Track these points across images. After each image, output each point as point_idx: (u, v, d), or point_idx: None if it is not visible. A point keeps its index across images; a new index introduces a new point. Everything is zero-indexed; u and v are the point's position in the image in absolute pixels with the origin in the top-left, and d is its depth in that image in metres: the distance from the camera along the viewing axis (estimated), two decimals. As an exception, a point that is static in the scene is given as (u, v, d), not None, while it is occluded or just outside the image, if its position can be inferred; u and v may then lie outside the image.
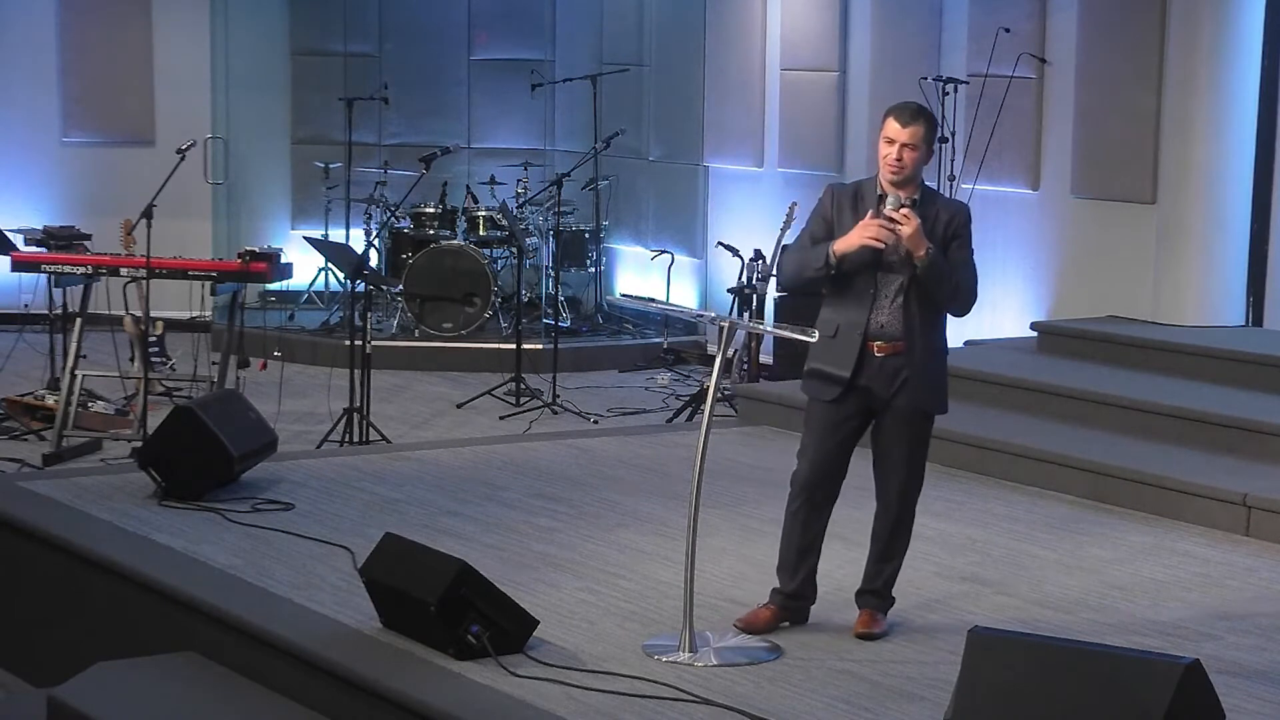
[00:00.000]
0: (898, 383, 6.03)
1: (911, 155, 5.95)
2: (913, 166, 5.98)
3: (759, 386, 10.59)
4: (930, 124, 6.00)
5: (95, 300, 10.24)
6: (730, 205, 13.38)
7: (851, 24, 12.41)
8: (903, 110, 6.01)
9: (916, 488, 6.22)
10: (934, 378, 6.11)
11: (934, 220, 6.00)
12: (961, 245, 6.04)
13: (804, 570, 6.22)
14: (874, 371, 6.04)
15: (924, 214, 5.97)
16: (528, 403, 11.16)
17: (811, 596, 6.29)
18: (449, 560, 5.91)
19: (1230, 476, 7.94)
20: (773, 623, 6.19)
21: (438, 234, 13.11)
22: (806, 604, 6.28)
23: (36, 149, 14.32)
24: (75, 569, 7.07)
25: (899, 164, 5.95)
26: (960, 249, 6.03)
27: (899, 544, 6.23)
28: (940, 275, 5.95)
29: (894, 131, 5.96)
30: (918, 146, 5.95)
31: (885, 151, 5.98)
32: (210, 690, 6.04)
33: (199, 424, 7.76)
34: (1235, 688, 5.63)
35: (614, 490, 8.28)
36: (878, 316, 6.02)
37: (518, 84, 14.24)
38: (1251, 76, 10.18)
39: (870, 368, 6.04)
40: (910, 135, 5.94)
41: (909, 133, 5.94)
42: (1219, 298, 10.28)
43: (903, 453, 6.13)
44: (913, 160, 5.96)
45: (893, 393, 6.05)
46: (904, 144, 5.94)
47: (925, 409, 6.11)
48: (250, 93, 14.57)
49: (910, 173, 5.98)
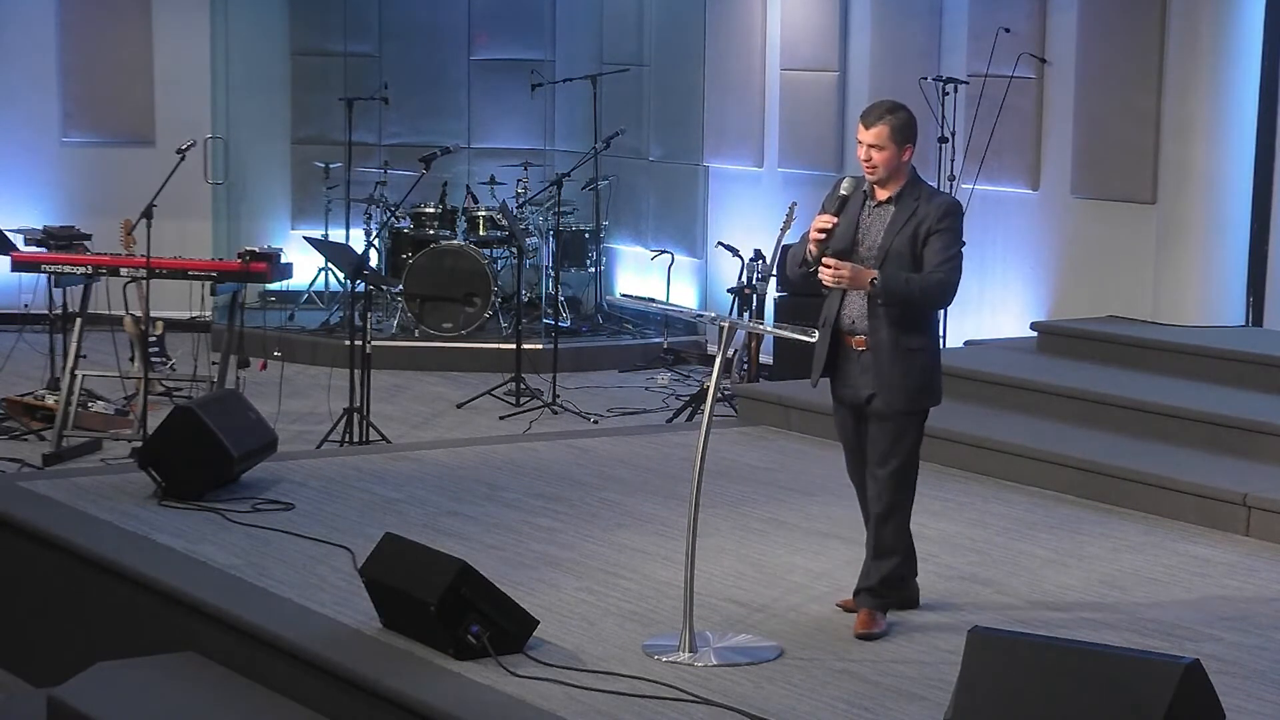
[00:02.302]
0: (868, 377, 6.11)
1: (881, 155, 6.04)
2: (885, 166, 6.06)
3: (759, 386, 10.59)
4: (898, 120, 6.05)
5: (95, 300, 10.25)
6: (730, 205, 13.38)
7: (851, 24, 12.41)
8: (869, 112, 6.12)
9: (901, 484, 6.20)
10: (905, 373, 6.10)
11: (910, 216, 6.06)
12: (939, 241, 6.03)
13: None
14: (849, 365, 6.16)
15: (898, 216, 6.06)
16: (528, 403, 11.16)
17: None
18: (449, 560, 5.91)
19: (1230, 476, 7.93)
20: None
21: (438, 234, 13.12)
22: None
23: (36, 149, 14.33)
24: (75, 569, 7.07)
25: (870, 165, 6.07)
26: (937, 246, 6.03)
27: (887, 540, 6.22)
28: (895, 296, 6.03)
29: (861, 133, 6.10)
30: (884, 146, 6.03)
31: (859, 155, 6.13)
32: (210, 690, 6.04)
33: (199, 424, 7.76)
34: (1235, 688, 5.63)
35: (614, 490, 8.28)
36: (849, 311, 6.14)
37: (518, 84, 14.25)
38: (1251, 76, 10.18)
39: (846, 361, 6.17)
40: (875, 136, 6.04)
41: (873, 134, 6.05)
42: (1219, 298, 10.27)
43: (881, 448, 6.17)
44: (883, 159, 6.05)
45: (865, 387, 6.13)
46: (870, 144, 6.06)
47: (894, 405, 6.12)
48: (250, 93, 14.58)
49: (884, 172, 6.07)
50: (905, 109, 6.12)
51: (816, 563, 7.06)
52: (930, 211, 6.06)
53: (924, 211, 6.07)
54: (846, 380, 6.20)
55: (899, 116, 6.06)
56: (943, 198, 6.20)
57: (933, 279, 6.03)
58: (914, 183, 6.14)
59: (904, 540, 6.28)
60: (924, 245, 6.04)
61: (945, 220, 6.05)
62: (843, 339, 6.16)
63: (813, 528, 7.61)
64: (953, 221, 6.07)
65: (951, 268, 6.05)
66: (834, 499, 8.04)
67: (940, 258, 6.03)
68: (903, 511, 6.24)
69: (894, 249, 6.04)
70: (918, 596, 6.47)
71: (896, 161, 6.06)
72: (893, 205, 6.10)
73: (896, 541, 6.25)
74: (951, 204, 6.14)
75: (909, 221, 6.05)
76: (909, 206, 6.07)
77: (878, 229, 6.10)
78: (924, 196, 6.12)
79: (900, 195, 6.09)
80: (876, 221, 6.12)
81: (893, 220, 6.07)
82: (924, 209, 6.08)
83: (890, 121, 6.03)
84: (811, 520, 7.74)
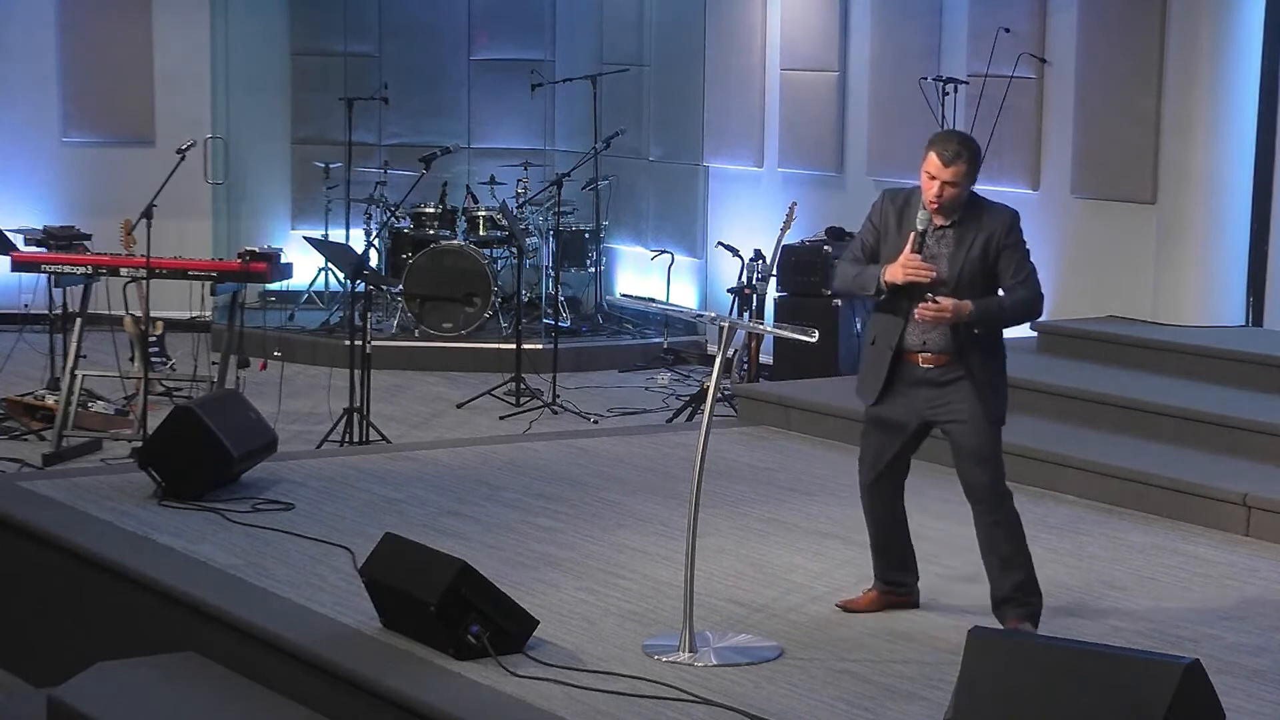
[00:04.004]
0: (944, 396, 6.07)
1: (952, 192, 5.95)
2: (954, 203, 5.99)
3: (759, 386, 10.59)
4: (972, 160, 5.96)
5: (95, 300, 10.24)
6: (730, 205, 13.38)
7: (851, 24, 12.41)
8: (945, 147, 5.96)
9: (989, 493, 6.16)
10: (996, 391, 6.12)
11: (972, 241, 6.01)
12: (1013, 256, 6.03)
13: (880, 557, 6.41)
14: (913, 384, 6.11)
15: (962, 238, 6.01)
16: (528, 403, 11.16)
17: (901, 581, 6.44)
18: (449, 560, 5.91)
19: (1230, 476, 7.94)
20: (876, 605, 6.42)
21: (438, 234, 13.12)
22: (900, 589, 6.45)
23: (36, 149, 14.33)
24: (75, 569, 7.07)
25: (939, 200, 5.97)
26: (1013, 261, 6.03)
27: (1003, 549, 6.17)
28: (991, 320, 6.05)
29: (935, 169, 5.95)
30: (958, 184, 5.95)
31: (926, 185, 5.98)
32: (210, 690, 6.04)
33: (199, 424, 7.76)
34: (1235, 688, 5.63)
35: (614, 490, 8.28)
36: (916, 331, 6.06)
37: (518, 84, 14.24)
38: (1251, 77, 10.18)
39: (909, 379, 6.11)
40: (953, 175, 5.93)
41: (950, 172, 5.93)
42: (1219, 298, 10.28)
43: (965, 460, 6.16)
44: (953, 196, 5.96)
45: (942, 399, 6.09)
46: (945, 182, 5.95)
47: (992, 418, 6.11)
48: (250, 93, 14.58)
49: (951, 208, 6.00)
50: (976, 143, 6.06)
51: (816, 563, 7.06)
52: (996, 226, 6.02)
53: (989, 224, 6.03)
54: (905, 398, 6.14)
55: (974, 152, 5.98)
56: (1001, 209, 6.11)
57: (1019, 298, 6.07)
58: (973, 202, 6.07)
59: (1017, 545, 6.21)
60: (996, 259, 6.02)
61: (1013, 234, 6.03)
62: (907, 357, 6.10)
63: (813, 528, 7.61)
64: (1019, 234, 6.07)
65: (1033, 282, 6.08)
66: (834, 499, 8.04)
67: (1021, 275, 6.04)
68: (1004, 515, 6.18)
69: (966, 274, 6.00)
70: (918, 598, 6.49)
71: (964, 197, 6.01)
72: (954, 229, 6.03)
73: (1014, 551, 6.18)
74: (1015, 215, 6.10)
75: (975, 240, 6.01)
76: (971, 228, 6.02)
77: (944, 255, 6.03)
78: (983, 211, 6.07)
79: (961, 218, 6.03)
80: (942, 248, 6.04)
81: (958, 244, 6.02)
82: (988, 222, 6.03)
83: (967, 160, 5.93)
84: (811, 520, 7.74)
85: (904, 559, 6.46)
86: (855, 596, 6.48)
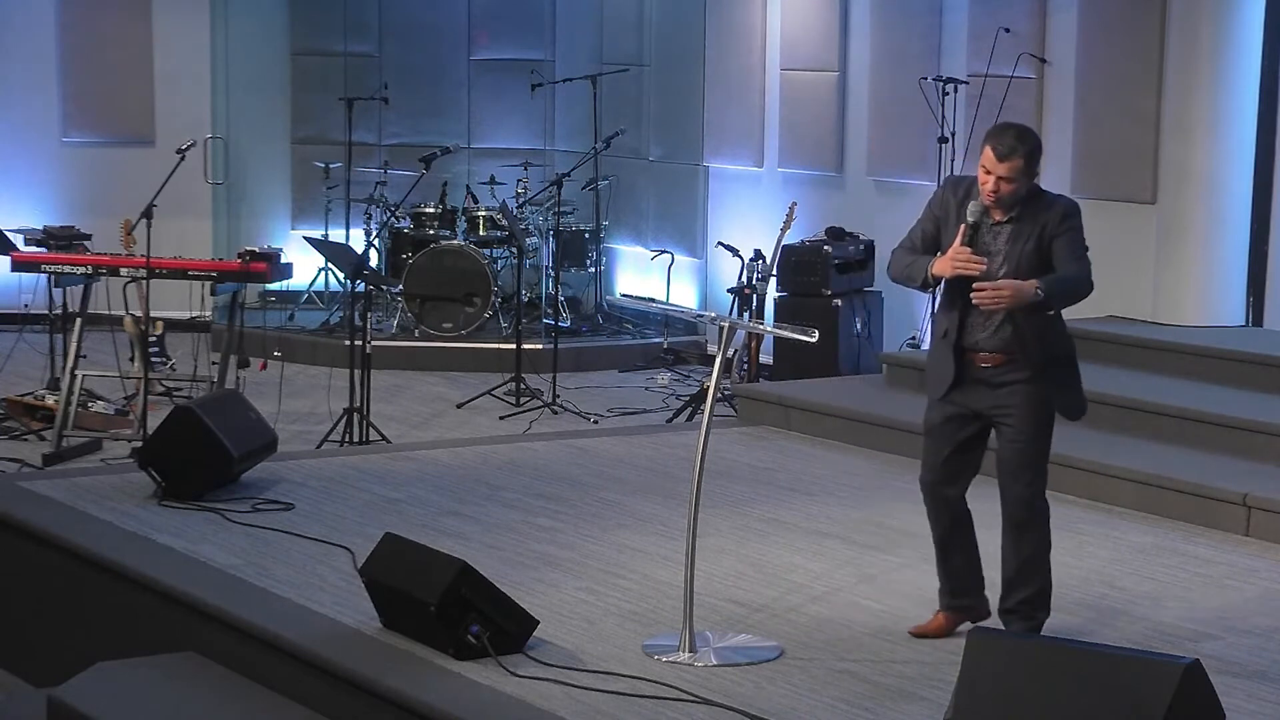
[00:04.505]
0: (1000, 391, 5.93)
1: (1009, 187, 5.79)
2: (1011, 198, 5.82)
3: (759, 386, 10.59)
4: (1030, 155, 5.80)
5: (95, 300, 10.24)
6: (730, 205, 13.38)
7: (851, 24, 12.41)
8: (1000, 141, 5.80)
9: (1024, 507, 6.07)
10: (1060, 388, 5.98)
11: (1029, 236, 5.84)
12: (1066, 241, 5.83)
13: (942, 566, 6.20)
14: (975, 378, 5.95)
15: (1019, 233, 5.84)
16: (528, 403, 11.16)
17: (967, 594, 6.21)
18: (449, 560, 5.91)
19: (1230, 476, 7.93)
20: (948, 628, 6.18)
21: (438, 234, 13.11)
22: (968, 602, 6.21)
23: (36, 149, 14.32)
24: (75, 569, 7.07)
25: (995, 195, 5.82)
26: (1065, 245, 5.83)
27: (1025, 550, 6.05)
28: (1062, 296, 5.84)
29: (990, 163, 5.81)
30: (1015, 180, 5.79)
31: (982, 180, 5.83)
32: (210, 690, 6.04)
33: (199, 424, 7.76)
34: (1235, 688, 5.63)
35: (614, 490, 8.28)
36: (973, 329, 5.91)
37: (518, 84, 14.24)
38: (1251, 76, 10.18)
39: (969, 378, 5.95)
40: (1008, 170, 5.78)
41: (1006, 167, 5.78)
42: (1219, 298, 10.27)
43: (1002, 469, 6.06)
44: (1011, 191, 5.79)
45: (996, 401, 5.94)
46: (1000, 177, 5.79)
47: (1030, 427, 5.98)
48: (250, 93, 14.57)
49: (1009, 203, 5.84)
50: (1035, 136, 5.89)
51: (816, 563, 7.06)
52: (1050, 218, 5.85)
53: (1044, 217, 5.86)
54: (967, 396, 5.99)
55: (1032, 147, 5.82)
56: (1062, 202, 5.94)
57: (1073, 271, 5.84)
58: (1033, 196, 5.91)
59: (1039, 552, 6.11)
60: (1049, 249, 5.84)
61: (1066, 222, 5.85)
62: (966, 356, 5.94)
63: (813, 528, 7.61)
64: (1074, 221, 5.87)
65: (1085, 263, 5.86)
66: (834, 499, 8.04)
67: (1074, 255, 5.83)
68: (1034, 515, 6.10)
69: (1023, 270, 5.82)
70: (988, 606, 6.27)
71: (1024, 192, 5.85)
72: (1011, 224, 5.88)
73: (1036, 557, 6.08)
74: (1071, 205, 5.92)
75: (1031, 235, 5.84)
76: (1029, 223, 5.86)
77: (1000, 251, 5.87)
78: (1043, 206, 5.90)
79: (1020, 214, 5.88)
80: (999, 244, 5.88)
81: (1014, 240, 5.86)
82: (1044, 216, 5.87)
83: (1025, 154, 5.78)
84: (811, 520, 7.74)
85: (967, 569, 6.21)
86: (924, 623, 6.24)
